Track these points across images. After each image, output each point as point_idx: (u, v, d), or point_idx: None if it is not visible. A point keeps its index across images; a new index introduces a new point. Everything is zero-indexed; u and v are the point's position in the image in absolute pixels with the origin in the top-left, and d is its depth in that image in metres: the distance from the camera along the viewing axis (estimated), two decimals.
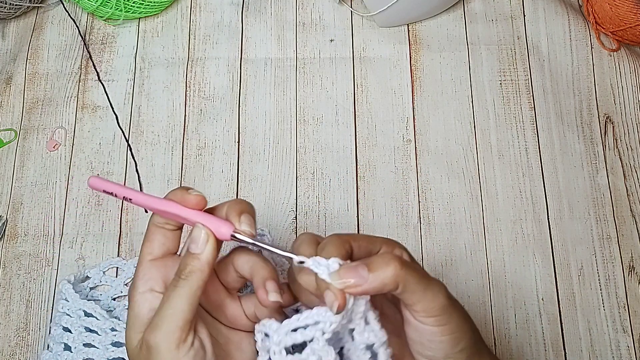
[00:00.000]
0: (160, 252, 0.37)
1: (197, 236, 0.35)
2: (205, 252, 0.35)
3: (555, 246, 0.58)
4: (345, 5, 0.67)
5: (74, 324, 0.51)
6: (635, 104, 0.63)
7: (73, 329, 0.51)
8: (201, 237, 0.35)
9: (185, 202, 0.36)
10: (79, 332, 0.51)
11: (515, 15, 0.66)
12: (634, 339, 0.55)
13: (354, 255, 0.35)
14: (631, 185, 0.60)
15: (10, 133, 0.62)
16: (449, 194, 0.59)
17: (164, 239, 0.37)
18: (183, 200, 0.36)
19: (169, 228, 0.37)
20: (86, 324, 0.51)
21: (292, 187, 0.60)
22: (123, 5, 0.63)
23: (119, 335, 0.51)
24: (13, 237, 0.58)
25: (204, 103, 0.63)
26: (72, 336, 0.51)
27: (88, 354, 0.51)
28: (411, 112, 0.63)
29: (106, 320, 0.51)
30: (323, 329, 0.33)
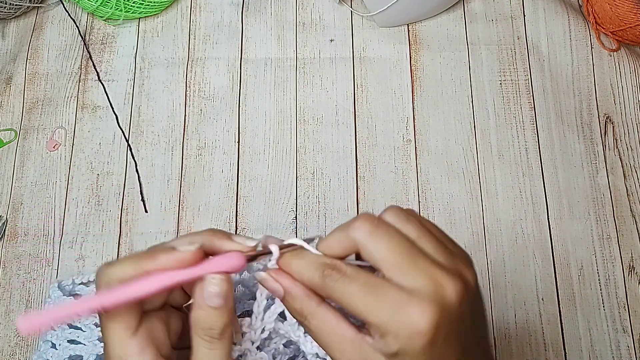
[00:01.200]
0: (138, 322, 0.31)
1: (215, 288, 0.30)
2: (230, 302, 0.31)
3: (555, 246, 0.58)
4: (345, 5, 0.67)
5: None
6: (635, 104, 0.63)
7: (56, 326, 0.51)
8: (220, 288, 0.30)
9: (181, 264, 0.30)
10: (62, 329, 0.51)
11: (515, 15, 0.66)
12: (634, 339, 0.55)
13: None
14: (631, 185, 0.60)
15: (10, 133, 0.62)
16: (449, 194, 0.59)
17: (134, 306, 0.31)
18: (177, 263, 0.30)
19: None
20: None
21: (292, 187, 0.60)
22: (123, 5, 0.63)
23: None
24: (13, 237, 0.58)
25: (204, 103, 0.63)
26: (55, 334, 0.51)
27: (75, 350, 0.50)
28: (411, 112, 0.63)
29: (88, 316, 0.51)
30: (251, 339, 0.33)
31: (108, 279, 0.30)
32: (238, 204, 0.59)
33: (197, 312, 0.30)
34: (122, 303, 0.28)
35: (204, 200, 0.59)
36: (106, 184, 0.60)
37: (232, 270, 0.30)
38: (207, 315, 0.30)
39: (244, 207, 0.59)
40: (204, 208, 0.59)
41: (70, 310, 0.28)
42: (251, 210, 0.59)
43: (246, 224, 0.58)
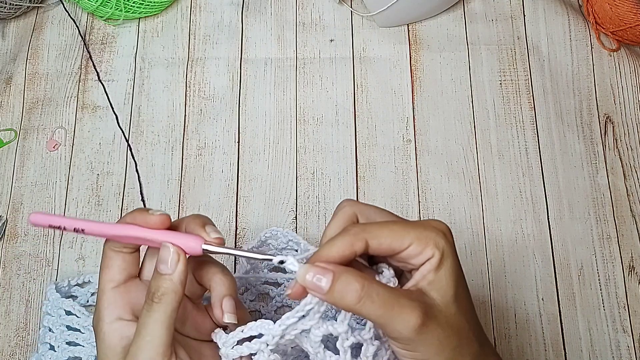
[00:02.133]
0: (122, 278, 0.36)
1: (165, 256, 0.34)
2: (177, 272, 0.34)
3: (555, 246, 0.58)
4: (345, 5, 0.67)
5: (55, 323, 0.51)
6: (635, 104, 0.63)
7: (55, 328, 0.51)
8: (170, 257, 0.34)
9: (147, 224, 0.34)
10: (60, 331, 0.51)
11: (515, 15, 0.66)
12: (634, 339, 0.55)
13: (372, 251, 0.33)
14: (631, 185, 0.60)
15: (10, 133, 0.62)
16: (449, 194, 0.59)
17: (123, 263, 0.36)
18: (145, 222, 0.34)
19: (127, 251, 0.36)
20: (67, 322, 0.51)
21: (292, 187, 0.60)
22: (123, 5, 0.63)
23: None
24: (13, 237, 0.58)
25: (204, 103, 0.63)
26: (54, 335, 0.51)
27: (74, 352, 0.51)
28: (411, 112, 0.63)
29: (87, 318, 0.51)
30: (266, 341, 0.33)
31: None
32: (238, 204, 0.59)
33: (151, 280, 0.34)
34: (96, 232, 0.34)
35: (204, 200, 0.59)
36: (106, 184, 0.60)
37: (188, 249, 0.34)
38: (153, 280, 0.34)
39: (244, 207, 0.59)
40: (204, 208, 0.59)
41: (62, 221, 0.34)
42: (251, 210, 0.59)
43: (246, 224, 0.59)
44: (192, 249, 0.34)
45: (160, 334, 0.33)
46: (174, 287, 0.33)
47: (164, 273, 0.33)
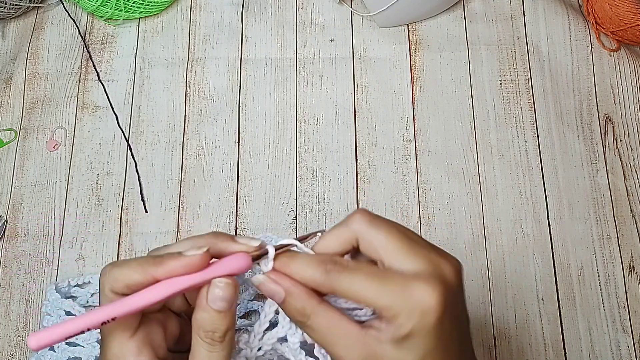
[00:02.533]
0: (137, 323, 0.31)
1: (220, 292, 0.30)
2: (234, 306, 0.31)
3: (555, 246, 0.58)
4: (345, 5, 0.67)
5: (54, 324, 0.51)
6: (635, 104, 0.63)
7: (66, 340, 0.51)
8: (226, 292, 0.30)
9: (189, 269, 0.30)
10: None
11: (515, 15, 0.66)
12: (634, 339, 0.55)
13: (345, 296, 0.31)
14: (631, 185, 0.60)
15: (10, 133, 0.62)
16: (449, 194, 0.59)
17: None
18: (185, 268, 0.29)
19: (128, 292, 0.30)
20: None
21: (292, 187, 0.60)
22: (123, 5, 0.63)
23: None
24: (13, 237, 0.58)
25: (204, 103, 0.63)
26: None
27: (74, 352, 0.50)
28: (411, 112, 0.63)
29: None
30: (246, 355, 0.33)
31: (113, 281, 0.30)
32: (238, 204, 0.59)
33: (200, 315, 0.30)
34: (131, 312, 0.28)
35: (204, 200, 0.59)
36: (106, 184, 0.60)
37: (240, 271, 0.30)
38: (211, 318, 0.30)
39: (244, 207, 0.59)
40: (204, 208, 0.59)
41: (81, 324, 0.27)
42: (251, 210, 0.59)
43: (246, 224, 0.58)
44: (243, 268, 0.31)
45: None
46: (234, 321, 0.31)
47: (222, 310, 0.30)
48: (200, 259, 0.30)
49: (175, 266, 0.29)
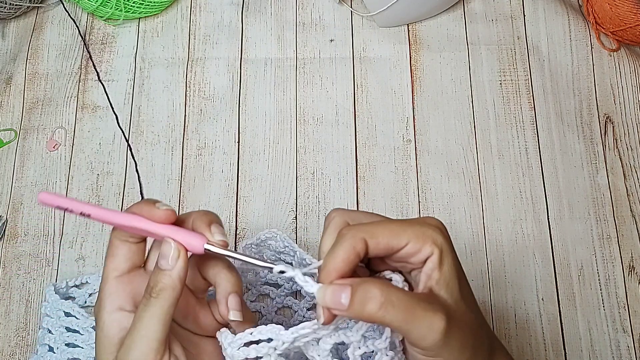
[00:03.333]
0: (126, 267, 0.35)
1: (166, 251, 0.33)
2: (177, 268, 0.33)
3: (555, 246, 0.58)
4: (345, 5, 0.67)
5: (54, 325, 0.51)
6: (635, 104, 0.63)
7: (54, 329, 0.51)
8: (171, 253, 0.33)
9: (152, 217, 0.34)
10: (60, 333, 0.51)
11: (515, 15, 0.66)
12: (634, 339, 0.55)
13: (371, 252, 0.32)
14: (631, 185, 0.60)
15: (10, 133, 0.62)
16: (449, 194, 0.59)
17: (129, 253, 0.36)
18: (150, 215, 0.34)
19: (133, 241, 0.36)
20: (66, 323, 0.51)
21: (292, 187, 0.60)
22: (123, 5, 0.63)
23: None
24: (13, 237, 0.58)
25: (204, 103, 0.63)
26: (53, 337, 0.51)
27: (73, 354, 0.51)
28: (411, 112, 0.63)
29: (87, 319, 0.51)
30: (275, 346, 0.33)
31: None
32: (238, 204, 0.59)
33: (151, 274, 0.34)
34: (101, 219, 0.34)
35: (204, 200, 0.59)
36: (106, 184, 0.60)
37: (189, 247, 0.34)
38: (154, 274, 0.33)
39: (244, 207, 0.59)
40: (204, 208, 0.59)
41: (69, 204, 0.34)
42: (251, 210, 0.59)
43: (246, 224, 0.58)
44: (194, 247, 0.34)
45: (155, 329, 0.32)
46: (172, 284, 0.33)
47: (163, 268, 0.33)
48: (164, 213, 0.34)
49: (146, 211, 0.34)
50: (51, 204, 0.34)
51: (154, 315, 0.32)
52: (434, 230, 0.33)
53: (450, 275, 0.32)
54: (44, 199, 0.34)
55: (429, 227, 0.33)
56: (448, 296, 0.32)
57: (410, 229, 0.32)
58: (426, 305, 0.30)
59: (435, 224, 0.33)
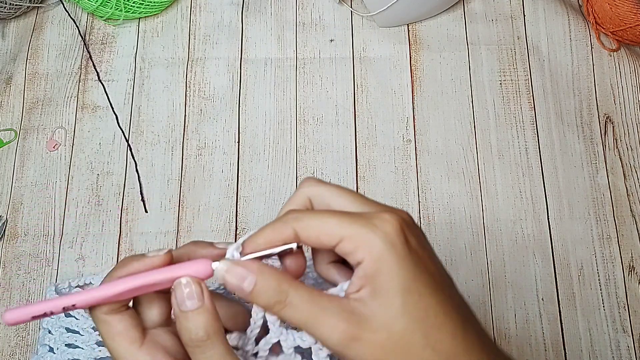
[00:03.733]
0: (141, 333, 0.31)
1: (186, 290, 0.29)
2: (207, 299, 0.30)
3: (555, 246, 0.58)
4: (345, 5, 0.67)
5: (54, 325, 0.51)
6: (635, 104, 0.63)
7: (53, 330, 0.51)
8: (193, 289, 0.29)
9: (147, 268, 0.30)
10: (59, 333, 0.51)
11: (515, 15, 0.66)
12: (634, 339, 0.55)
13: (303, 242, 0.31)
14: (631, 185, 0.60)
15: (10, 133, 0.62)
16: (449, 194, 0.59)
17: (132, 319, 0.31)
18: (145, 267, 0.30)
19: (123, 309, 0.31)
20: (66, 324, 0.51)
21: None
22: (123, 5, 0.63)
23: None
24: (13, 237, 0.58)
25: (204, 103, 0.63)
26: (53, 337, 0.51)
27: (73, 354, 0.50)
28: (411, 112, 0.63)
29: (87, 320, 0.51)
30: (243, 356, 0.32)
31: None
32: (238, 204, 0.59)
33: (179, 324, 0.30)
34: (90, 302, 0.30)
35: (204, 200, 0.59)
36: (106, 184, 0.60)
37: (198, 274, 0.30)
38: (187, 321, 0.29)
39: (244, 207, 0.59)
40: (204, 208, 0.59)
41: (44, 308, 0.29)
42: (251, 210, 0.59)
43: (246, 224, 0.58)
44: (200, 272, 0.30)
45: None
46: (211, 315, 0.29)
47: (195, 308, 0.29)
48: (161, 258, 0.30)
49: (138, 265, 0.30)
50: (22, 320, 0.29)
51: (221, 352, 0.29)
52: (374, 233, 0.28)
53: (387, 286, 0.28)
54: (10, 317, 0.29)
55: (371, 229, 0.28)
56: (381, 310, 0.28)
57: (348, 227, 0.29)
58: (331, 310, 0.28)
59: (383, 227, 0.28)
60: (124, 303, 0.31)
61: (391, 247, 0.28)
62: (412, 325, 0.28)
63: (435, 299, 0.29)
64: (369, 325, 0.28)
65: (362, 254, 0.28)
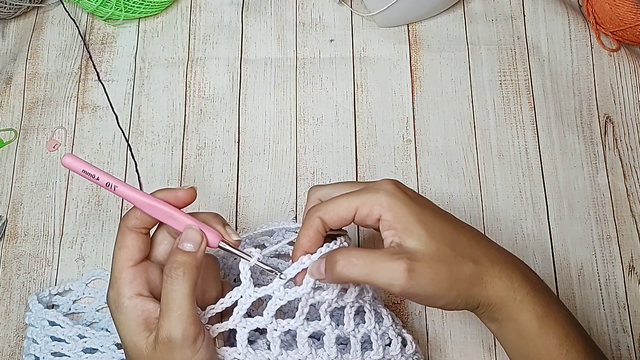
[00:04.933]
0: (139, 257, 0.38)
1: (193, 236, 0.37)
2: (200, 252, 0.37)
3: (555, 246, 0.58)
4: (345, 5, 0.67)
5: (39, 335, 0.50)
6: (635, 104, 0.63)
7: (39, 339, 0.50)
8: (197, 238, 0.37)
9: (177, 199, 0.38)
10: (45, 342, 0.50)
11: (515, 15, 0.66)
12: (634, 339, 0.55)
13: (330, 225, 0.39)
14: (631, 185, 0.60)
15: (10, 133, 0.62)
16: (449, 194, 0.59)
17: (141, 243, 0.38)
18: (175, 198, 0.38)
19: (144, 232, 0.39)
20: (51, 333, 0.50)
21: (292, 187, 0.60)
22: (123, 5, 0.63)
23: (89, 342, 0.50)
24: (13, 237, 0.58)
25: (204, 103, 0.63)
26: (38, 346, 0.50)
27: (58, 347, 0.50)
28: (411, 112, 0.63)
29: (72, 328, 0.50)
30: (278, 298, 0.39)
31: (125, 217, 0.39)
32: (238, 204, 0.59)
33: (171, 256, 0.36)
34: (128, 196, 0.37)
35: (204, 200, 0.59)
36: None
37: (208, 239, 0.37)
38: (176, 256, 0.36)
39: (244, 207, 0.59)
40: (204, 208, 0.59)
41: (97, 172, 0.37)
42: (251, 210, 0.59)
43: (246, 224, 0.59)
44: (210, 240, 0.37)
45: (189, 306, 0.35)
46: (197, 264, 0.36)
47: (189, 250, 0.36)
48: (187, 191, 0.39)
49: (168, 193, 0.38)
50: (75, 169, 0.36)
51: (185, 293, 0.35)
52: (378, 193, 0.37)
53: (407, 223, 0.37)
54: (69, 162, 0.36)
55: (375, 191, 0.38)
56: (414, 242, 0.36)
57: (356, 199, 0.38)
58: (384, 257, 0.36)
59: (383, 187, 0.38)
60: (145, 227, 0.38)
61: (394, 197, 0.37)
62: (440, 244, 0.37)
63: (445, 222, 0.39)
64: (414, 256, 0.36)
65: (377, 210, 0.37)
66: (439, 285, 0.36)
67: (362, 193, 0.38)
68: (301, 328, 0.39)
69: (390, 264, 0.35)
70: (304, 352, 0.39)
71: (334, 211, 0.38)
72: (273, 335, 0.39)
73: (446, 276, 0.36)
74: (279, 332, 0.39)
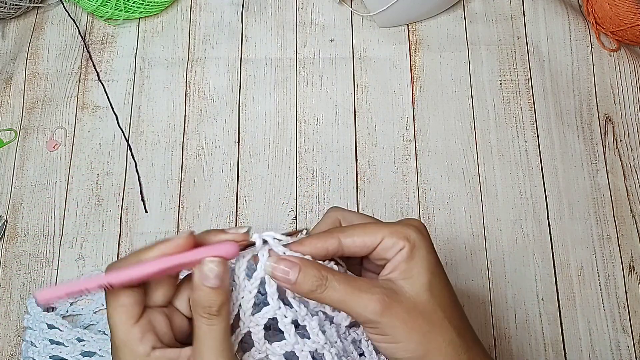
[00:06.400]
0: (140, 311, 0.34)
1: (213, 270, 0.33)
2: (226, 282, 0.34)
3: (555, 246, 0.58)
4: (345, 5, 0.67)
5: (37, 337, 0.51)
6: (635, 104, 0.63)
7: (37, 342, 0.50)
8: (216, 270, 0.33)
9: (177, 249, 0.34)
10: (43, 345, 0.50)
11: (515, 15, 0.66)
12: (634, 339, 0.55)
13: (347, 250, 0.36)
14: (631, 185, 0.60)
15: (10, 133, 0.62)
16: (449, 194, 0.59)
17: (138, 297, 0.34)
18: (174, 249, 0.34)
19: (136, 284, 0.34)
20: (50, 336, 0.50)
21: (292, 187, 0.60)
22: (123, 5, 0.63)
23: (87, 345, 0.50)
24: (13, 237, 0.58)
25: (204, 103, 0.63)
26: (37, 350, 0.50)
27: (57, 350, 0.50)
28: (411, 112, 0.63)
29: (70, 331, 0.50)
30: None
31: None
32: (238, 204, 0.59)
33: (196, 294, 0.33)
34: (126, 281, 0.32)
35: (204, 200, 0.59)
36: (106, 184, 0.60)
37: (226, 255, 0.34)
38: (205, 295, 0.33)
39: (244, 207, 0.59)
40: (204, 208, 0.59)
41: (81, 286, 0.32)
42: (251, 210, 0.59)
43: (246, 224, 0.58)
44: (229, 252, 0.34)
45: (225, 347, 0.33)
46: (227, 297, 0.34)
47: (216, 287, 0.33)
48: (185, 239, 0.34)
49: (164, 247, 0.33)
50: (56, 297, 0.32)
51: (219, 334, 0.33)
52: (409, 228, 0.36)
53: (419, 267, 0.35)
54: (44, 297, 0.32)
55: (406, 226, 0.36)
56: (409, 285, 0.35)
57: (386, 228, 0.36)
58: (365, 288, 0.34)
59: (413, 224, 0.36)
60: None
61: (423, 237, 0.36)
62: (433, 300, 0.35)
63: (449, 285, 0.36)
64: (398, 297, 0.34)
65: (402, 243, 0.35)
66: (410, 337, 0.34)
67: (390, 224, 0.36)
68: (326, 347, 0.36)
69: (370, 297, 0.34)
70: None
71: (359, 235, 0.36)
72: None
73: (423, 332, 0.34)
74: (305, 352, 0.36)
